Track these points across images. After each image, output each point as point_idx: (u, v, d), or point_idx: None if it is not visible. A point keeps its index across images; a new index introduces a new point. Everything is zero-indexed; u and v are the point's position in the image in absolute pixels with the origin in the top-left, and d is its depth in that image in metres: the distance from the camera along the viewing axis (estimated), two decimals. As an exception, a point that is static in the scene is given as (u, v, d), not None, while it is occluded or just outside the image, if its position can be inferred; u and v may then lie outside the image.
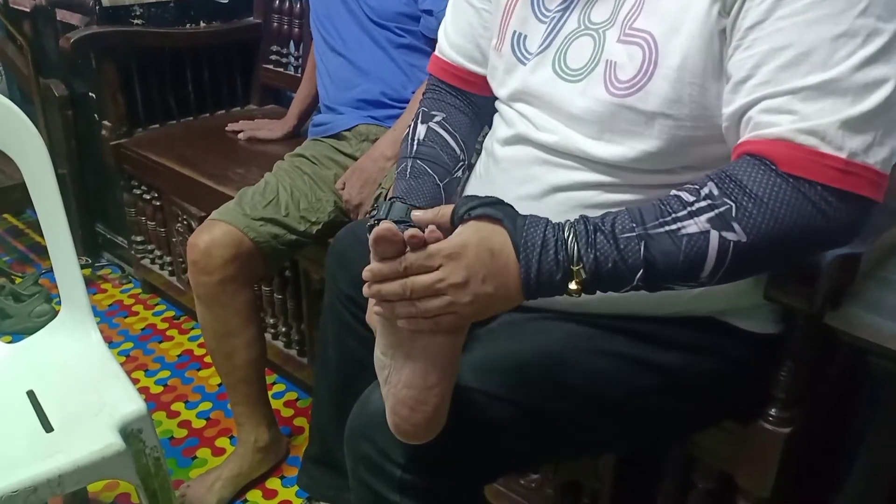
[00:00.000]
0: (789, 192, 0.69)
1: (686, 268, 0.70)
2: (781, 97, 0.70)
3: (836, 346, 0.88)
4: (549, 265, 0.70)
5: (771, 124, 0.70)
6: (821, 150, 0.69)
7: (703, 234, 0.69)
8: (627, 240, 0.70)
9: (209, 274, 1.35)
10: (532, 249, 0.70)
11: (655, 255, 0.70)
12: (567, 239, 0.70)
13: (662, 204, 0.71)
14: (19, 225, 2.58)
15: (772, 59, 0.71)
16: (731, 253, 0.69)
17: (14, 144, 1.20)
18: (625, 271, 0.70)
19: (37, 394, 1.13)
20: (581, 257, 0.70)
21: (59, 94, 2.11)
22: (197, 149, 1.87)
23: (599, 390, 0.86)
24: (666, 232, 0.70)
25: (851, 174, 0.69)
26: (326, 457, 1.28)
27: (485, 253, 0.70)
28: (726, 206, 0.69)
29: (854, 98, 0.69)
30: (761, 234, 0.69)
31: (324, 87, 1.64)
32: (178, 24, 2.06)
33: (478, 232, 0.71)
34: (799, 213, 0.69)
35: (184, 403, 1.76)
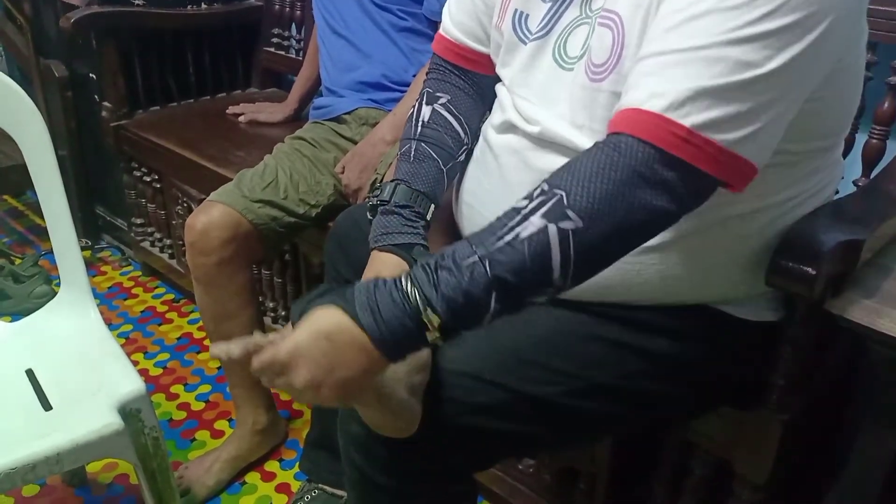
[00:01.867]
0: (621, 162, 0.66)
1: (535, 272, 0.67)
2: (652, 58, 0.69)
3: (836, 333, 0.88)
4: (397, 319, 0.66)
5: (635, 88, 0.69)
6: (665, 115, 0.66)
7: (541, 231, 0.66)
8: (471, 265, 0.66)
9: (206, 255, 1.35)
10: (367, 311, 0.66)
11: (503, 271, 0.66)
12: (405, 287, 0.67)
13: (499, 218, 0.69)
14: (19, 206, 2.57)
15: (666, 19, 0.69)
16: (573, 242, 0.66)
17: (14, 124, 1.19)
18: (479, 299, 0.66)
19: (36, 372, 1.14)
20: (428, 301, 0.66)
21: (59, 75, 2.10)
22: (197, 131, 1.86)
23: (591, 375, 0.86)
24: (507, 243, 0.66)
25: (692, 144, 0.66)
26: (327, 441, 1.28)
27: (321, 343, 0.66)
28: (557, 196, 0.67)
29: (721, 70, 0.66)
30: (596, 214, 0.66)
31: (325, 69, 1.64)
32: (179, 5, 2.05)
33: (307, 326, 0.68)
34: (629, 181, 0.66)
35: (183, 386, 1.76)
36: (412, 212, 0.93)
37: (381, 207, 0.94)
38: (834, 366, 1.02)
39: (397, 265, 0.90)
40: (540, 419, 0.87)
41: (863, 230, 0.83)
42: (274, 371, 0.68)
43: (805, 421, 0.95)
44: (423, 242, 0.92)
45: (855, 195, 0.98)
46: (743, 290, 0.86)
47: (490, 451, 0.91)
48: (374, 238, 0.93)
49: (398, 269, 0.89)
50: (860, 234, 0.82)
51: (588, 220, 0.66)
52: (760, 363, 0.91)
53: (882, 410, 0.88)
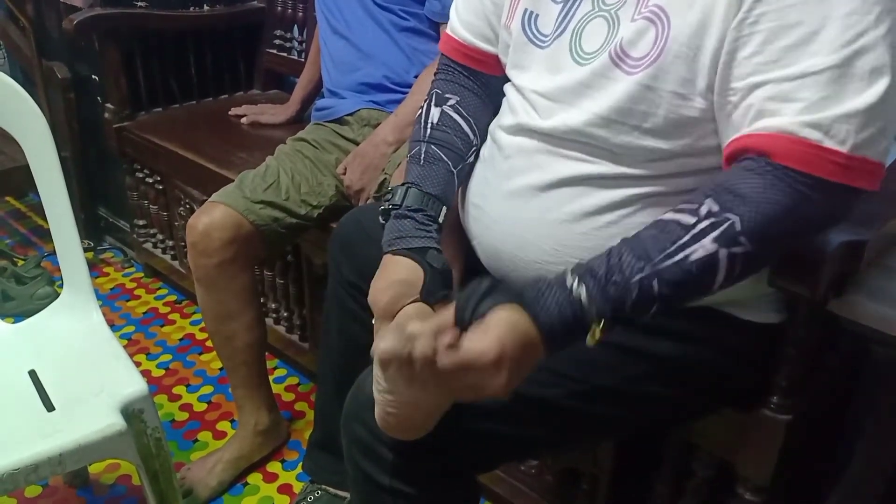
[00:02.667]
0: (787, 191, 0.69)
1: (698, 289, 0.72)
2: (787, 82, 0.69)
3: (839, 334, 0.88)
4: (569, 329, 0.70)
5: (774, 113, 0.70)
6: (823, 145, 0.68)
7: (711, 255, 0.69)
8: (640, 282, 0.69)
9: (208, 256, 1.35)
10: (551, 322, 0.69)
11: (669, 288, 0.70)
12: (581, 300, 0.69)
13: (663, 231, 0.71)
14: (21, 208, 2.58)
15: (780, 37, 0.70)
16: (741, 264, 0.70)
17: (17, 125, 1.19)
18: (641, 311, 0.71)
19: (38, 373, 1.14)
20: (599, 312, 0.70)
21: (61, 77, 2.11)
22: (200, 132, 1.87)
23: (593, 378, 0.86)
24: (675, 263, 0.69)
25: (851, 168, 0.69)
26: (330, 442, 1.28)
27: (519, 346, 0.68)
28: (729, 222, 0.69)
29: (860, 85, 0.68)
30: (767, 241, 0.70)
31: (327, 70, 1.64)
32: (181, 6, 2.05)
33: (508, 327, 0.68)
34: (799, 211, 0.70)
35: (185, 387, 1.76)
36: (425, 215, 0.93)
37: (394, 211, 0.94)
38: (836, 367, 1.01)
39: (411, 269, 0.90)
40: (543, 422, 0.87)
41: (866, 231, 0.82)
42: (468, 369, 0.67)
43: (807, 422, 0.95)
44: (436, 246, 0.92)
45: (857, 196, 0.97)
46: (746, 292, 0.86)
47: (493, 454, 0.91)
48: (387, 242, 0.93)
49: (412, 274, 0.89)
50: (863, 234, 0.82)
51: (758, 245, 0.70)
52: (763, 365, 0.91)
53: (884, 411, 0.88)
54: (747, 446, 0.93)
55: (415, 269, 0.89)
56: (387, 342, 0.66)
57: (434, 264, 0.90)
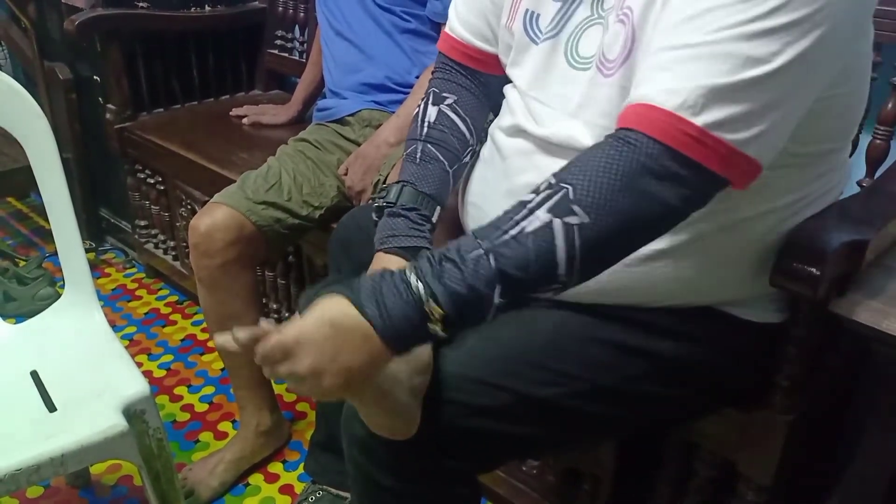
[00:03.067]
0: (628, 158, 0.66)
1: (540, 267, 0.67)
2: (666, 52, 0.68)
3: (840, 334, 0.88)
4: (400, 309, 0.66)
5: (648, 81, 0.69)
6: (677, 113, 0.66)
7: (546, 225, 0.66)
8: (476, 258, 0.66)
9: (210, 257, 1.35)
10: (372, 301, 0.66)
11: (508, 265, 0.66)
12: (409, 279, 0.66)
13: (504, 212, 0.69)
14: (23, 209, 2.58)
15: (680, 11, 0.69)
16: (579, 238, 0.66)
17: (19, 126, 1.20)
18: (483, 292, 0.66)
19: (40, 374, 1.14)
20: (432, 292, 0.66)
21: (63, 78, 2.11)
22: (201, 133, 1.87)
23: (594, 378, 0.86)
24: (511, 237, 0.66)
25: (704, 144, 0.66)
26: (332, 442, 1.28)
27: (325, 329, 0.66)
28: (563, 190, 0.67)
29: (732, 67, 0.66)
30: (603, 210, 0.66)
31: (329, 71, 1.64)
32: (183, 7, 2.06)
33: (313, 314, 0.67)
34: (639, 182, 0.66)
35: (186, 387, 1.76)
36: (419, 214, 0.93)
37: (388, 209, 0.94)
38: (838, 366, 1.01)
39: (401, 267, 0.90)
40: (543, 421, 0.87)
41: (867, 231, 0.83)
42: (277, 358, 0.66)
43: (809, 422, 0.95)
44: (428, 246, 0.92)
45: (859, 196, 0.97)
46: (747, 292, 0.86)
47: (493, 453, 0.91)
48: (379, 240, 0.93)
49: None
50: (864, 234, 0.82)
51: (594, 215, 0.66)
52: (764, 365, 0.91)
53: (886, 411, 0.88)
54: (749, 446, 0.94)
55: None
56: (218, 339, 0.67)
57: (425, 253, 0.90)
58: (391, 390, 0.76)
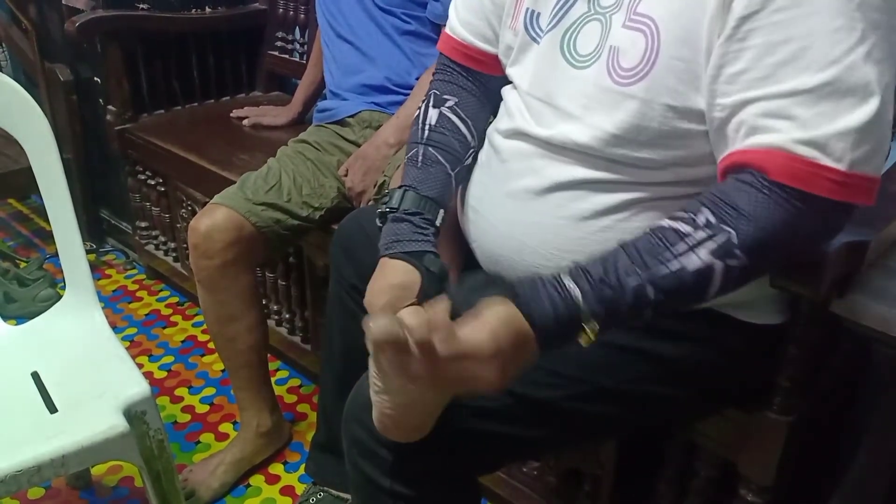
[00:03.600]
0: (784, 206, 0.69)
1: (692, 297, 0.72)
2: (780, 99, 0.69)
3: (841, 334, 0.88)
4: (563, 328, 0.70)
5: (768, 129, 0.70)
6: (820, 163, 0.68)
7: (708, 267, 0.69)
8: (635, 288, 0.69)
9: (210, 258, 1.35)
10: (545, 319, 0.69)
11: (664, 295, 0.70)
12: (576, 299, 0.69)
13: (660, 239, 0.71)
14: (24, 210, 2.58)
15: (770, 53, 0.69)
16: (735, 276, 0.71)
17: (20, 127, 1.20)
18: (635, 314, 0.71)
19: (41, 375, 1.14)
20: (593, 313, 0.69)
21: (64, 79, 2.11)
22: (201, 134, 1.87)
23: (595, 379, 0.86)
24: (671, 272, 0.69)
25: (849, 185, 0.69)
26: (333, 444, 1.28)
27: (512, 341, 0.68)
28: (726, 235, 0.69)
29: (852, 102, 0.68)
30: (762, 255, 0.71)
31: (329, 72, 1.64)
32: (183, 8, 2.06)
33: (502, 321, 0.68)
34: (796, 227, 0.70)
35: (187, 389, 1.76)
36: (422, 219, 0.93)
37: (391, 214, 0.94)
38: (839, 367, 1.01)
39: (408, 273, 0.90)
40: (544, 423, 0.87)
41: (868, 231, 0.82)
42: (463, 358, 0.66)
43: (810, 422, 0.95)
44: (433, 250, 0.92)
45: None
46: (749, 293, 0.86)
47: (494, 455, 0.91)
48: (384, 245, 0.93)
49: (409, 277, 0.89)
50: (865, 235, 0.82)
51: (754, 259, 0.70)
52: (765, 366, 0.91)
53: (887, 412, 0.88)
54: (750, 447, 0.93)
55: (411, 273, 0.90)
56: (380, 323, 0.64)
57: (431, 268, 0.90)
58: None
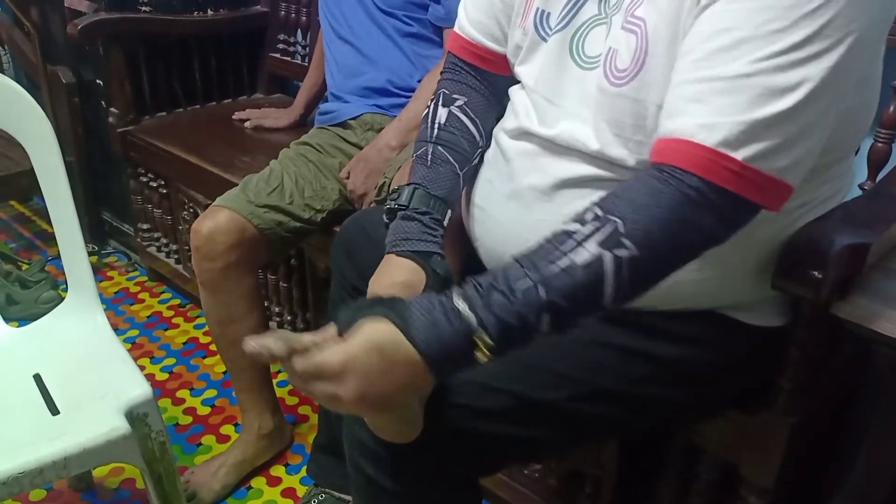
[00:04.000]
0: (675, 194, 0.69)
1: (588, 297, 0.68)
2: (701, 84, 0.69)
3: (842, 337, 0.88)
4: (450, 339, 0.66)
5: (681, 113, 0.70)
6: (718, 150, 0.68)
7: (597, 258, 0.67)
8: (525, 291, 0.66)
9: (212, 260, 1.36)
10: (422, 330, 0.66)
11: (557, 297, 0.67)
12: (459, 307, 0.66)
13: (550, 242, 0.70)
14: (26, 212, 2.58)
15: (711, 39, 0.70)
16: (628, 269, 0.68)
17: (22, 129, 1.20)
18: (532, 323, 0.67)
19: (43, 377, 1.14)
20: (482, 323, 0.66)
21: (66, 81, 2.11)
22: (203, 136, 1.87)
23: (597, 380, 0.86)
24: (561, 270, 0.67)
25: (745, 178, 0.68)
26: (334, 446, 1.28)
27: (373, 357, 0.65)
28: (612, 225, 0.68)
29: (769, 98, 0.67)
30: (651, 243, 0.68)
31: (331, 75, 1.64)
32: (185, 11, 2.06)
33: (361, 339, 0.66)
34: (685, 216, 0.69)
35: (189, 391, 1.77)
36: (431, 219, 0.93)
37: (401, 212, 0.94)
38: (841, 369, 1.01)
39: (414, 272, 0.90)
40: (545, 424, 0.87)
41: (869, 233, 0.83)
42: (317, 377, 0.66)
43: (812, 424, 0.95)
44: (440, 252, 0.92)
45: (861, 199, 0.97)
46: (750, 296, 0.86)
47: (496, 456, 0.91)
48: (391, 242, 0.93)
49: (414, 276, 0.89)
50: (866, 237, 0.82)
51: (643, 247, 0.68)
52: (766, 368, 0.91)
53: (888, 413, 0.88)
54: (751, 449, 0.93)
55: (417, 272, 0.89)
56: (249, 344, 0.66)
57: (437, 270, 0.90)
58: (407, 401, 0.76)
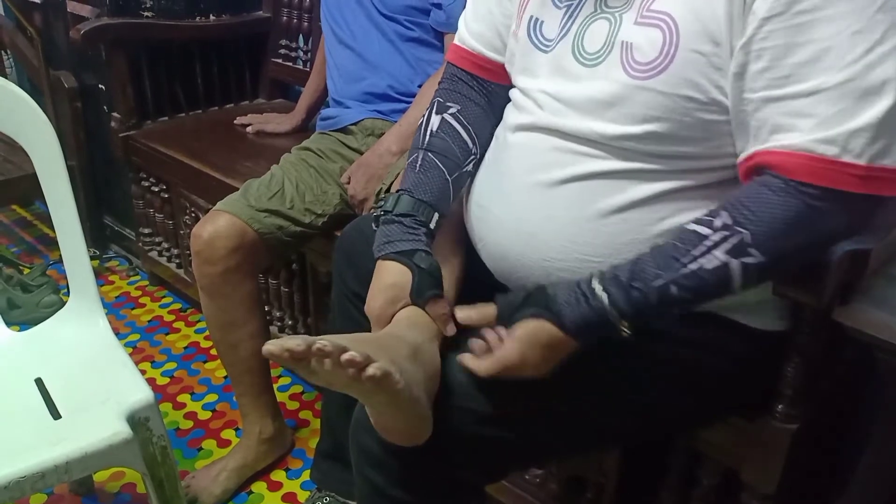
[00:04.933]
0: (801, 207, 0.72)
1: (716, 293, 0.77)
2: (800, 98, 0.72)
3: (844, 342, 0.88)
4: (598, 328, 0.78)
5: (789, 129, 0.72)
6: (841, 160, 0.71)
7: (724, 265, 0.74)
8: (660, 288, 0.75)
9: (212, 264, 1.36)
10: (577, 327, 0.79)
11: (687, 293, 0.76)
12: (605, 307, 0.77)
13: (681, 241, 0.76)
14: (28, 216, 2.59)
15: (792, 54, 0.72)
16: (755, 272, 0.75)
17: (25, 134, 1.20)
18: (665, 312, 0.78)
19: (45, 381, 1.14)
20: (625, 316, 0.77)
21: (68, 86, 2.12)
22: (205, 141, 1.87)
23: (601, 385, 0.86)
24: (691, 272, 0.75)
25: (872, 178, 0.71)
26: (337, 451, 1.28)
27: (541, 350, 0.80)
28: (740, 236, 0.73)
29: (871, 99, 0.70)
30: (780, 251, 0.74)
31: (332, 80, 1.65)
32: (187, 16, 2.07)
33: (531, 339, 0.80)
34: (814, 225, 0.73)
35: (190, 395, 1.77)
36: (413, 220, 0.94)
37: (383, 217, 0.95)
38: (842, 375, 1.01)
39: (400, 273, 0.91)
40: (551, 430, 0.87)
41: (870, 239, 0.82)
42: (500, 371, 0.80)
43: (813, 430, 0.95)
44: (424, 248, 0.92)
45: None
46: (753, 299, 0.86)
47: (502, 462, 0.91)
48: (376, 248, 0.94)
49: (402, 277, 0.90)
50: (868, 243, 0.82)
51: (770, 256, 0.74)
52: (768, 372, 0.90)
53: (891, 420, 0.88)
54: (752, 454, 0.93)
55: (403, 273, 0.90)
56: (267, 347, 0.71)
57: (421, 265, 0.90)
58: (419, 396, 0.77)
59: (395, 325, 0.89)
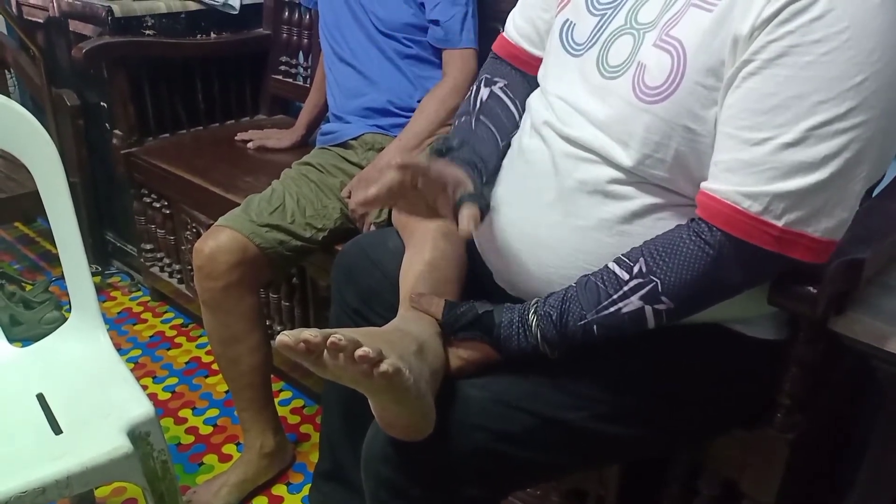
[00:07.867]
0: (712, 256, 0.76)
1: (635, 331, 0.82)
2: (747, 147, 0.74)
3: (841, 351, 0.88)
4: (525, 351, 0.86)
5: (726, 172, 0.76)
6: (761, 218, 0.74)
7: (639, 309, 0.80)
8: (584, 327, 0.82)
9: (214, 279, 1.36)
10: (513, 354, 0.87)
11: (609, 331, 0.82)
12: (539, 342, 0.84)
13: (603, 283, 0.81)
14: (30, 233, 2.60)
15: (757, 101, 0.73)
16: (666, 316, 0.80)
17: (27, 151, 1.21)
18: (590, 345, 0.84)
19: (46, 396, 1.14)
20: (553, 348, 0.85)
21: (70, 104, 2.14)
22: (206, 157, 1.89)
23: (609, 398, 0.87)
24: (610, 313, 0.81)
25: (785, 241, 0.75)
26: (337, 471, 1.26)
27: (472, 368, 0.88)
28: (653, 284, 0.79)
29: (807, 169, 0.72)
30: (686, 299, 0.79)
31: (332, 96, 1.66)
32: (188, 34, 2.09)
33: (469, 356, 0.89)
34: (720, 276, 0.78)
35: (191, 410, 1.77)
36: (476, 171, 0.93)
37: (453, 153, 0.94)
38: (840, 384, 1.01)
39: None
40: (567, 445, 0.88)
41: (865, 249, 0.83)
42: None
43: (812, 440, 0.95)
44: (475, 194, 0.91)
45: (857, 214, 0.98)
46: (752, 309, 0.87)
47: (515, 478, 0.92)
48: None
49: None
50: (862, 252, 0.82)
51: (679, 302, 0.79)
52: (767, 382, 0.91)
53: (889, 429, 0.88)
54: (752, 464, 0.94)
55: None
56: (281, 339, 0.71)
57: None
58: (425, 393, 0.78)
59: (401, 319, 0.90)
